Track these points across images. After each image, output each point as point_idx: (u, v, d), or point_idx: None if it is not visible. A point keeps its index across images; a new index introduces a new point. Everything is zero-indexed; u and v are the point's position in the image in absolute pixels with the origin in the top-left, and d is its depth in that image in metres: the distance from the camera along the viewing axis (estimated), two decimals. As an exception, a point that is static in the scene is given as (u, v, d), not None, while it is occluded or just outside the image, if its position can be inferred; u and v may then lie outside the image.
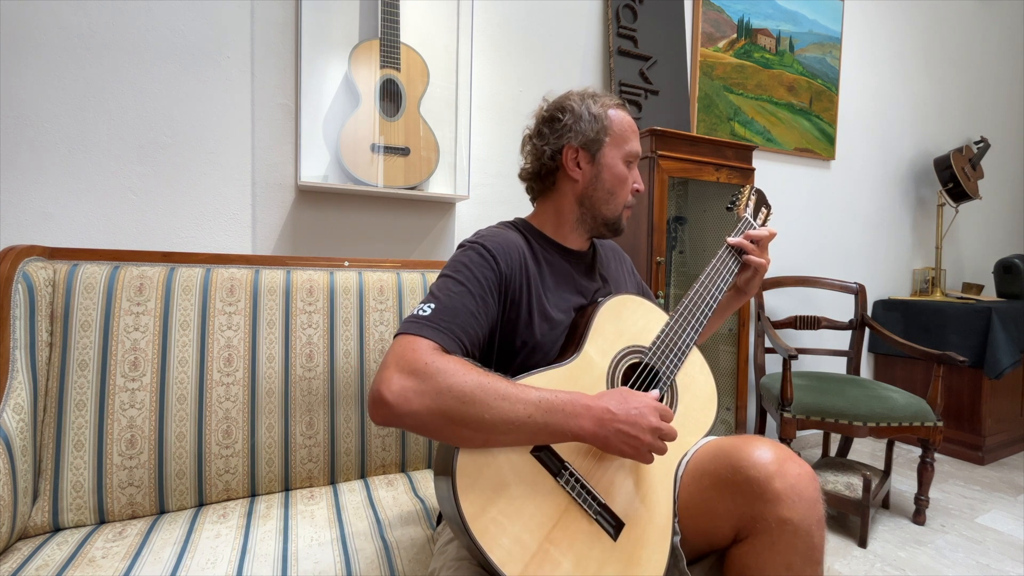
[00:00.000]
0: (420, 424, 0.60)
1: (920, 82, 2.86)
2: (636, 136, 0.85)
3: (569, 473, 0.65)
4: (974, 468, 2.23)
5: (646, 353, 0.78)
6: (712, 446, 0.72)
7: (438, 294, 0.70)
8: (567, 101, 0.84)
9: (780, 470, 0.62)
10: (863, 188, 2.65)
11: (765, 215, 1.05)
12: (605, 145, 0.82)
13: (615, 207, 0.84)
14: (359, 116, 1.34)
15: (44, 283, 0.92)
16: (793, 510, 0.61)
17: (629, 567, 0.64)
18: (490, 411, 0.59)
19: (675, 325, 0.82)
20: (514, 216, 1.67)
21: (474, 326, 0.69)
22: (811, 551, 0.62)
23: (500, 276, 0.74)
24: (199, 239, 1.27)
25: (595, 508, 0.64)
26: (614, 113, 0.83)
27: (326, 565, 0.79)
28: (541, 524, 0.61)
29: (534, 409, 0.61)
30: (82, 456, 0.90)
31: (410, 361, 0.61)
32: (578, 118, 0.82)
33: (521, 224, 0.87)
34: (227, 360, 1.02)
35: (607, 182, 0.83)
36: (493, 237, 0.78)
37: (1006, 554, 1.53)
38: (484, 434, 0.60)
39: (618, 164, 0.83)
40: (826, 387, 1.74)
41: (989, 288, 3.18)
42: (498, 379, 0.62)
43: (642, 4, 1.85)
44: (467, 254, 0.75)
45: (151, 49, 1.20)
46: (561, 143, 0.83)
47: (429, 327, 0.66)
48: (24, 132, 1.10)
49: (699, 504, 0.70)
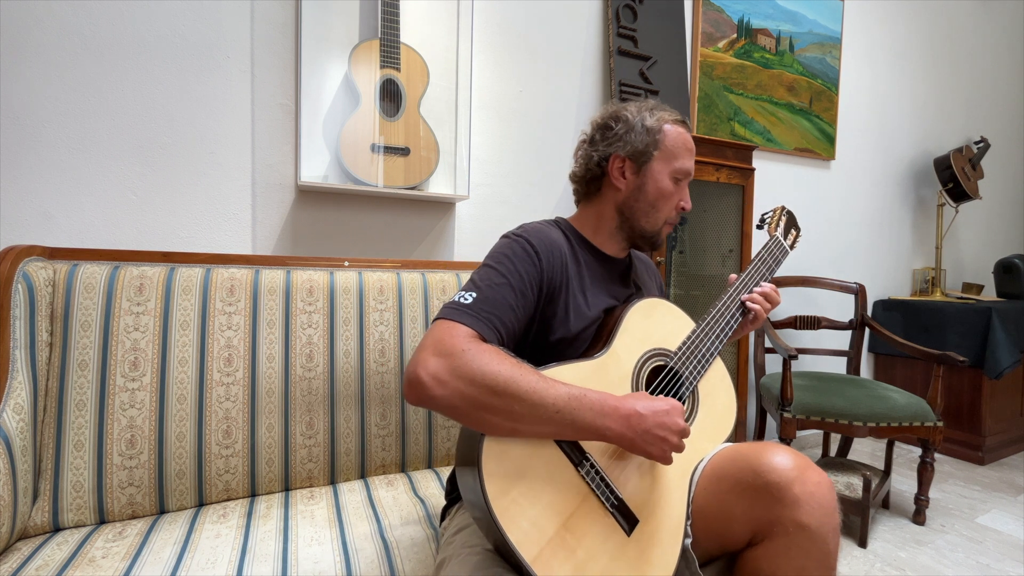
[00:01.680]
0: (451, 407, 0.61)
1: (920, 82, 2.86)
2: (690, 154, 0.85)
3: (590, 464, 0.66)
4: (974, 468, 2.23)
5: (671, 357, 0.80)
6: (731, 451, 0.73)
7: (480, 284, 0.71)
8: (624, 111, 0.85)
9: (801, 476, 0.64)
10: (863, 188, 2.65)
11: (794, 237, 1.06)
12: (653, 159, 0.83)
13: (655, 221, 0.85)
14: (359, 116, 1.34)
15: (44, 283, 0.92)
16: (811, 516, 0.62)
17: (640, 563, 0.64)
18: (520, 402, 0.60)
19: (701, 332, 0.83)
20: (515, 216, 1.68)
21: (511, 319, 0.70)
22: (825, 558, 0.63)
23: (541, 272, 0.75)
24: (199, 239, 1.27)
25: (612, 502, 0.66)
26: (670, 128, 0.83)
27: (326, 565, 0.79)
28: (560, 511, 0.62)
29: (563, 404, 0.62)
30: (82, 456, 0.90)
31: (448, 345, 0.62)
32: (630, 128, 0.83)
33: (563, 224, 0.88)
34: (227, 360, 1.02)
35: (650, 195, 0.83)
36: (537, 233, 0.78)
37: (1006, 554, 1.53)
38: (512, 423, 0.61)
39: (664, 179, 0.83)
40: (826, 387, 1.74)
41: (989, 288, 3.18)
42: (531, 371, 0.63)
43: (642, 4, 1.85)
44: (512, 247, 0.76)
45: (151, 49, 1.20)
46: (609, 151, 0.84)
47: (469, 315, 0.67)
48: (24, 132, 1.10)
49: (715, 506, 0.70)
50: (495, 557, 0.66)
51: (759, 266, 0.94)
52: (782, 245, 1.00)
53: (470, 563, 0.66)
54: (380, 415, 1.13)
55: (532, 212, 1.72)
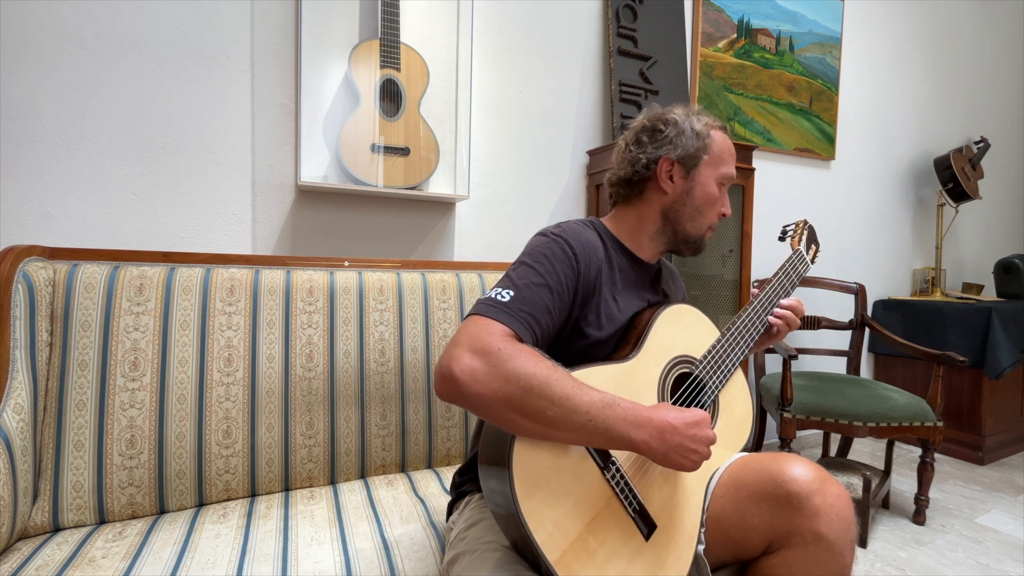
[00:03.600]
0: (483, 406, 0.60)
1: (920, 82, 2.86)
2: (733, 160, 0.85)
3: (616, 469, 0.66)
4: (974, 468, 2.23)
5: (697, 365, 0.80)
6: (749, 459, 0.74)
7: (518, 282, 0.70)
8: (671, 114, 0.84)
9: (821, 488, 0.64)
10: (863, 188, 2.65)
11: (815, 252, 1.06)
12: (702, 163, 0.82)
13: (700, 226, 0.84)
14: (359, 116, 1.34)
15: (44, 283, 0.92)
16: (830, 527, 0.63)
17: (656, 568, 0.65)
18: (553, 407, 0.59)
19: (726, 342, 0.84)
20: (515, 216, 1.68)
21: (547, 321, 0.70)
22: (840, 569, 0.64)
23: (578, 275, 0.74)
24: (199, 239, 1.27)
25: (634, 507, 0.66)
26: (716, 134, 0.84)
27: (326, 565, 0.79)
28: (583, 513, 0.62)
29: (597, 412, 0.61)
30: (82, 456, 0.90)
31: (484, 343, 0.61)
32: (680, 132, 0.82)
33: (598, 225, 0.87)
34: (227, 360, 1.02)
35: (697, 199, 0.83)
36: (576, 235, 0.77)
37: (1006, 554, 1.53)
38: (544, 427, 0.60)
39: (711, 184, 0.83)
40: (826, 387, 1.74)
41: (989, 288, 3.18)
42: (566, 376, 0.62)
43: (642, 4, 1.85)
44: (551, 247, 0.75)
45: (151, 49, 1.20)
46: (659, 154, 0.82)
47: (506, 313, 0.66)
48: (24, 132, 1.10)
49: (733, 515, 0.71)
50: (514, 555, 0.66)
51: (783, 279, 0.95)
52: (804, 259, 1.01)
53: (490, 560, 0.66)
54: (380, 415, 1.13)
55: (532, 212, 1.72)
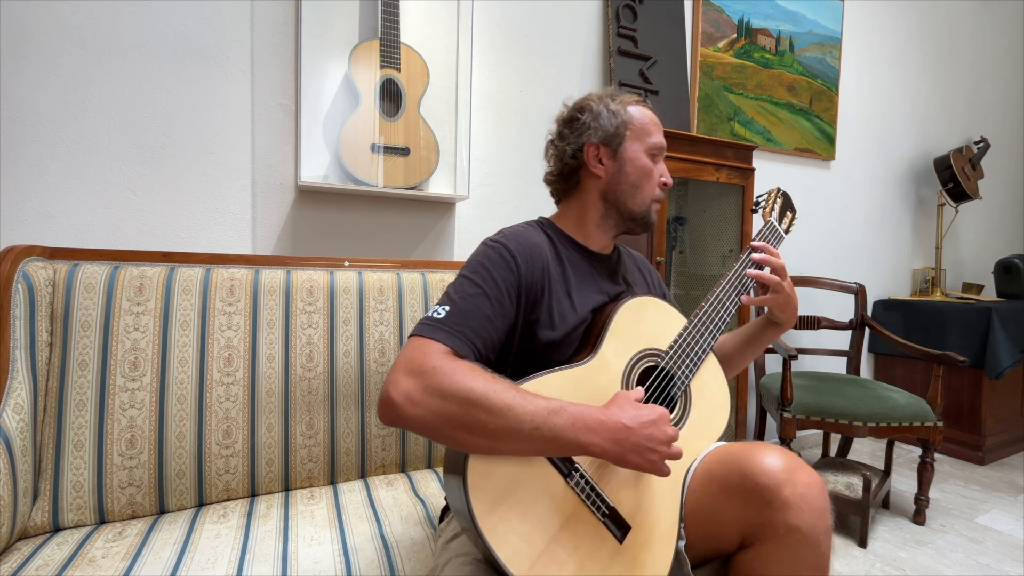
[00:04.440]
0: (425, 427, 0.60)
1: (920, 82, 2.86)
2: (659, 129, 0.85)
3: (579, 475, 0.65)
4: (974, 468, 2.23)
5: (663, 357, 0.78)
6: (721, 451, 0.72)
7: (454, 296, 0.70)
8: (586, 101, 0.85)
9: (790, 478, 0.62)
10: (863, 188, 2.65)
11: (790, 219, 1.02)
12: (626, 139, 0.82)
13: (642, 201, 0.84)
14: (359, 116, 1.34)
15: (44, 283, 0.92)
16: (802, 518, 0.61)
17: (633, 569, 0.64)
18: (495, 419, 0.58)
19: (693, 329, 0.81)
20: (516, 216, 1.68)
21: (488, 329, 0.69)
22: (818, 559, 0.62)
23: (519, 278, 0.73)
24: (199, 239, 1.27)
25: (603, 511, 0.65)
26: (634, 109, 0.84)
27: (326, 565, 0.79)
28: (549, 524, 0.61)
29: (542, 421, 0.59)
30: (82, 456, 0.90)
31: (419, 364, 0.61)
32: (596, 115, 0.82)
33: (545, 224, 0.86)
34: (227, 360, 1.02)
35: (631, 175, 0.82)
36: (516, 237, 0.77)
37: (1006, 554, 1.53)
38: (490, 441, 0.59)
39: (641, 157, 0.82)
40: (826, 387, 1.74)
41: (989, 288, 3.18)
42: (507, 387, 0.61)
43: (642, 4, 1.85)
44: (487, 253, 0.75)
45: (151, 49, 1.20)
46: (581, 141, 0.83)
47: (442, 330, 0.65)
48: (24, 132, 1.10)
49: (706, 509, 0.69)
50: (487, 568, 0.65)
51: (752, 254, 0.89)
52: (776, 229, 0.96)
53: (463, 574, 0.65)
54: (380, 415, 1.13)
55: (532, 212, 1.72)
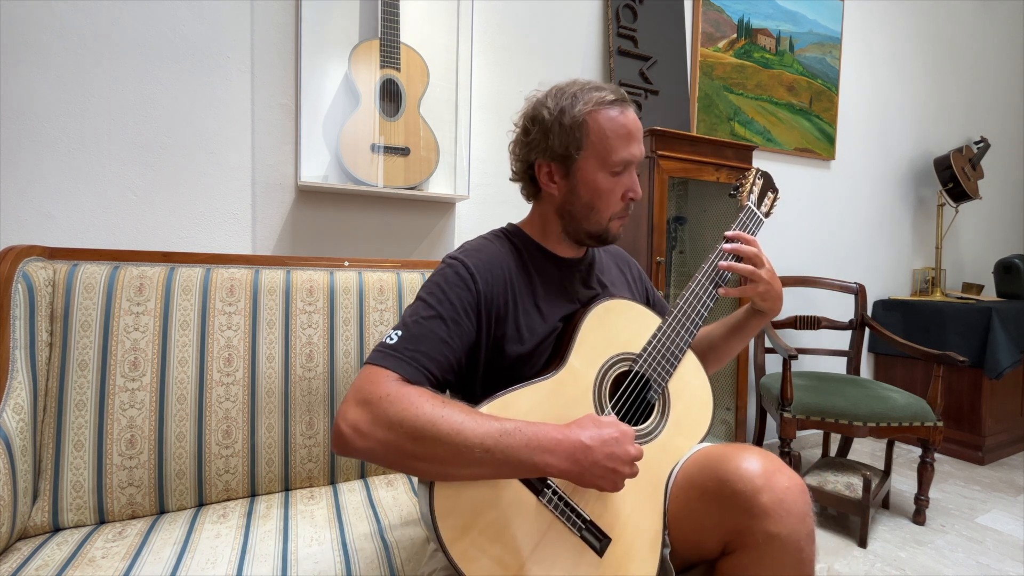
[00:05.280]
0: (376, 458, 0.59)
1: (920, 82, 2.86)
2: (626, 141, 0.74)
3: (552, 491, 0.63)
4: (974, 468, 2.23)
5: (636, 360, 0.75)
6: (701, 456, 0.70)
7: (408, 320, 0.68)
8: (540, 110, 0.76)
9: (768, 483, 0.60)
10: (863, 188, 2.65)
11: (772, 200, 0.95)
12: (579, 159, 0.74)
13: (597, 221, 0.77)
14: (359, 116, 1.34)
15: (44, 283, 0.92)
16: (781, 524, 0.59)
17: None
18: (443, 445, 0.56)
19: (668, 329, 0.78)
20: (516, 216, 1.68)
21: (444, 352, 0.67)
22: (800, 565, 0.61)
23: (478, 295, 0.71)
24: (199, 239, 1.27)
25: (579, 525, 0.63)
26: (597, 119, 0.73)
27: (326, 565, 0.79)
28: (523, 544, 0.60)
29: (493, 443, 0.57)
30: (82, 456, 0.90)
31: (366, 393, 0.60)
32: (547, 131, 0.75)
33: (513, 231, 0.83)
34: (227, 360, 1.02)
35: (583, 197, 0.76)
36: (476, 252, 0.75)
37: (1006, 554, 1.53)
38: (441, 467, 0.58)
39: (597, 177, 0.74)
40: (826, 387, 1.74)
41: (989, 288, 3.18)
42: (457, 411, 0.59)
43: (642, 4, 1.85)
44: (444, 273, 0.72)
45: (151, 49, 1.20)
46: (532, 157, 0.78)
47: (392, 357, 0.64)
48: (24, 132, 1.10)
49: (687, 516, 0.68)
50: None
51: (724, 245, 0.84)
52: (755, 214, 0.89)
53: None
54: (380, 415, 1.13)
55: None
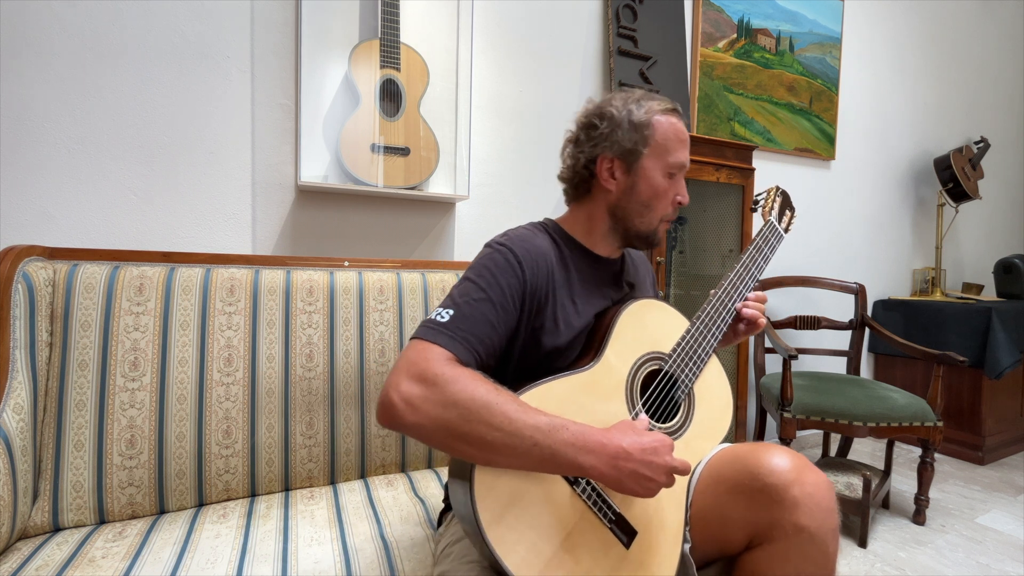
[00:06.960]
0: (424, 434, 0.59)
1: (920, 82, 2.86)
2: (683, 146, 0.79)
3: (586, 482, 0.64)
4: (974, 468, 2.23)
5: (666, 360, 0.78)
6: (728, 453, 0.72)
7: (458, 300, 0.69)
8: (608, 107, 0.80)
9: (799, 478, 0.62)
10: (863, 188, 2.65)
11: (789, 218, 1.02)
12: (644, 156, 0.78)
13: (650, 221, 0.80)
14: (359, 116, 1.34)
15: (44, 283, 0.92)
16: (810, 518, 0.61)
17: (640, 573, 0.64)
18: (494, 432, 0.57)
19: (695, 332, 0.80)
20: (516, 216, 1.68)
21: (491, 336, 0.68)
22: (825, 560, 0.62)
23: (524, 284, 0.72)
24: (199, 239, 1.27)
25: (610, 517, 0.65)
26: (660, 121, 0.78)
27: (326, 565, 0.79)
28: (556, 532, 0.61)
29: (542, 437, 0.58)
30: (82, 456, 0.90)
31: (421, 368, 0.60)
32: (616, 126, 0.78)
33: (552, 227, 0.84)
34: (227, 360, 1.02)
35: (643, 194, 0.79)
36: (522, 242, 0.75)
37: (1006, 554, 1.53)
38: (486, 454, 0.58)
39: (657, 176, 0.78)
40: (826, 387, 1.74)
41: (989, 288, 3.18)
42: (509, 399, 0.60)
43: (642, 4, 1.85)
44: (493, 257, 0.73)
45: (151, 49, 1.20)
46: (596, 152, 0.79)
47: (445, 335, 0.64)
48: (24, 132, 1.10)
49: (713, 510, 0.70)
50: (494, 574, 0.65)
51: (755, 255, 0.90)
52: (777, 230, 0.95)
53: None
54: (380, 415, 1.13)
55: (532, 212, 1.72)
